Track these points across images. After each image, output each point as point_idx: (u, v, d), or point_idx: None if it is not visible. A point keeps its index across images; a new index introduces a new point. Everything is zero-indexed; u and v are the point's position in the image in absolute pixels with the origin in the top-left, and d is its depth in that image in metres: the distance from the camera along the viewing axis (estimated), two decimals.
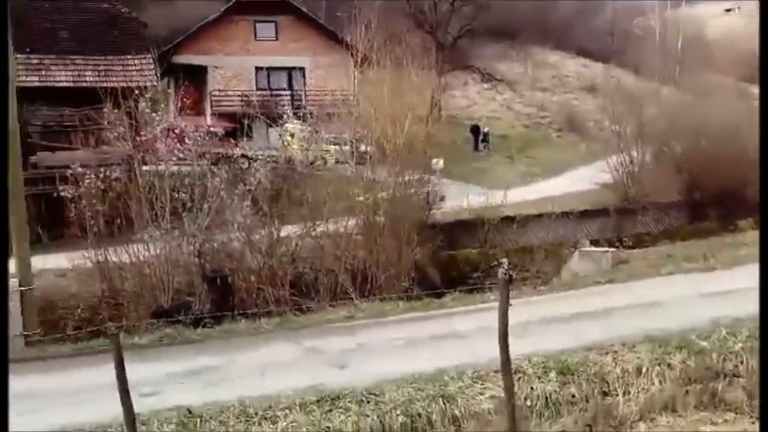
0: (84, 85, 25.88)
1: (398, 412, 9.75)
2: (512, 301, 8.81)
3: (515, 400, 9.24)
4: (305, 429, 9.51)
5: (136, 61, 27.27)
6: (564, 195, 33.80)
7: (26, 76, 22.66)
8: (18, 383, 12.61)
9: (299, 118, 26.53)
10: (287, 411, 9.82)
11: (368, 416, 9.70)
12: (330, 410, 9.84)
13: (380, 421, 9.67)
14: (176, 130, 20.72)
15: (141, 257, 18.27)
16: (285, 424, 9.62)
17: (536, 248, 28.36)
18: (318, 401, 9.97)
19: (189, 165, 19.99)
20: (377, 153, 22.80)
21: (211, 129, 24.86)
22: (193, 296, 18.24)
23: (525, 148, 46.80)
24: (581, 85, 59.56)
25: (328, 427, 9.55)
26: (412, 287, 20.32)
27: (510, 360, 8.92)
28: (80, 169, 18.37)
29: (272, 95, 37.49)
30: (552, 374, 10.54)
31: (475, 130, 47.16)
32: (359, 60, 24.83)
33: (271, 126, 28.01)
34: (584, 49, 64.75)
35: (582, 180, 36.73)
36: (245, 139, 28.79)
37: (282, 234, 20.04)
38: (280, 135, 25.40)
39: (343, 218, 21.38)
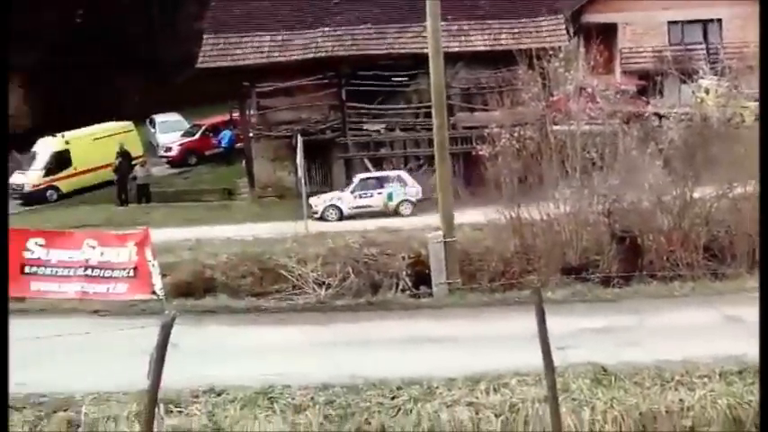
0: (500, 48, 26.99)
1: None
2: None
3: None
4: (725, 400, 9.16)
5: (547, 22, 27.72)
6: None
7: (448, 42, 24.15)
8: (441, 328, 13.84)
9: (715, 73, 24.98)
10: (705, 380, 9.55)
11: None
12: (753, 383, 9.37)
13: None
14: (588, 90, 20.71)
15: (551, 215, 18.66)
16: (703, 392, 9.36)
17: None
18: (740, 373, 9.53)
19: (600, 124, 19.91)
20: None
21: (622, 87, 24.40)
22: (601, 255, 18.25)
23: None
24: None
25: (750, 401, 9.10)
26: None
27: None
28: (496, 129, 19.24)
29: (685, 50, 35.76)
30: None
31: None
32: None
33: (684, 82, 26.77)
34: None
35: None
36: (656, 96, 27.85)
37: (696, 195, 19.17)
38: (693, 92, 24.17)
39: None
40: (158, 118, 41.38)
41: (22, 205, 33.22)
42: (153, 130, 41.26)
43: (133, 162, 33.05)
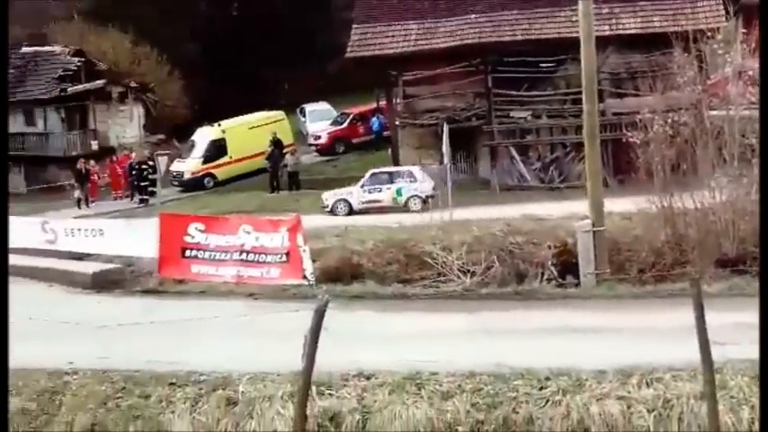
0: (653, 30, 26.09)
1: None
2: None
3: None
4: None
5: (704, 2, 26.54)
6: None
7: (598, 25, 23.56)
8: (589, 319, 13.61)
9: None
10: None
11: None
12: None
13: None
14: (748, 73, 19.71)
15: (706, 204, 17.94)
16: None
17: None
18: None
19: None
20: None
21: None
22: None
23: None
24: None
25: None
26: None
27: None
28: (648, 115, 18.64)
29: None
30: None
31: None
32: None
33: None
34: None
35: None
36: None
37: None
38: None
39: None
40: (308, 107, 42.52)
41: (181, 192, 35.00)
42: (303, 119, 42.44)
43: (284, 150, 34.13)
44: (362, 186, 26.06)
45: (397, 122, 30.35)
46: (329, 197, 25.89)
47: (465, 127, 27.86)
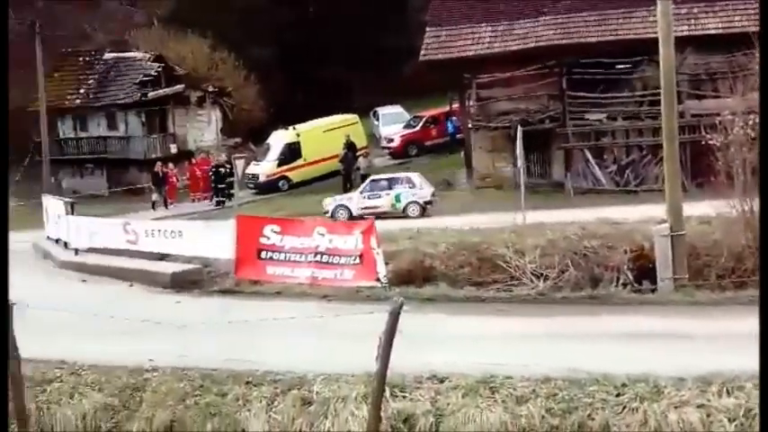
0: (734, 30, 25.45)
1: None
2: None
3: None
4: None
5: None
6: None
7: (677, 26, 23.10)
8: (667, 325, 13.37)
9: None
10: None
11: None
12: None
13: None
14: None
15: None
16: None
17: None
18: None
19: None
20: None
21: None
22: None
23: None
24: None
25: None
26: None
27: None
28: (729, 117, 18.20)
29: None
30: None
31: None
32: None
33: None
34: None
35: None
36: None
37: None
38: None
39: None
40: (381, 110, 42.73)
41: (255, 194, 35.56)
42: (376, 122, 42.67)
43: (357, 153, 34.37)
44: (362, 192, 26.37)
45: (470, 125, 30.28)
46: (329, 203, 26.19)
47: (539, 129, 27.62)
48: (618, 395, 10.23)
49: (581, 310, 14.89)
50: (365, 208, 25.58)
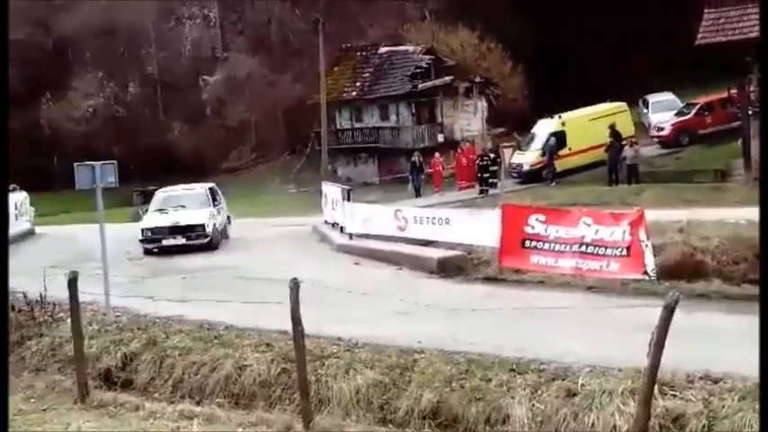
0: None
1: None
2: None
3: None
4: None
5: None
6: None
7: None
8: None
9: None
10: None
11: None
12: None
13: None
14: None
15: None
16: None
17: None
18: None
19: None
20: None
21: None
22: None
23: None
24: None
25: None
26: None
27: None
28: None
29: None
30: None
31: None
32: None
33: None
34: None
35: None
36: None
37: None
38: None
39: None
40: (651, 98, 41.13)
41: (519, 183, 35.65)
42: (645, 111, 41.12)
43: (623, 142, 33.35)
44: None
45: (749, 112, 28.27)
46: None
47: None
48: None
49: None
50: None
